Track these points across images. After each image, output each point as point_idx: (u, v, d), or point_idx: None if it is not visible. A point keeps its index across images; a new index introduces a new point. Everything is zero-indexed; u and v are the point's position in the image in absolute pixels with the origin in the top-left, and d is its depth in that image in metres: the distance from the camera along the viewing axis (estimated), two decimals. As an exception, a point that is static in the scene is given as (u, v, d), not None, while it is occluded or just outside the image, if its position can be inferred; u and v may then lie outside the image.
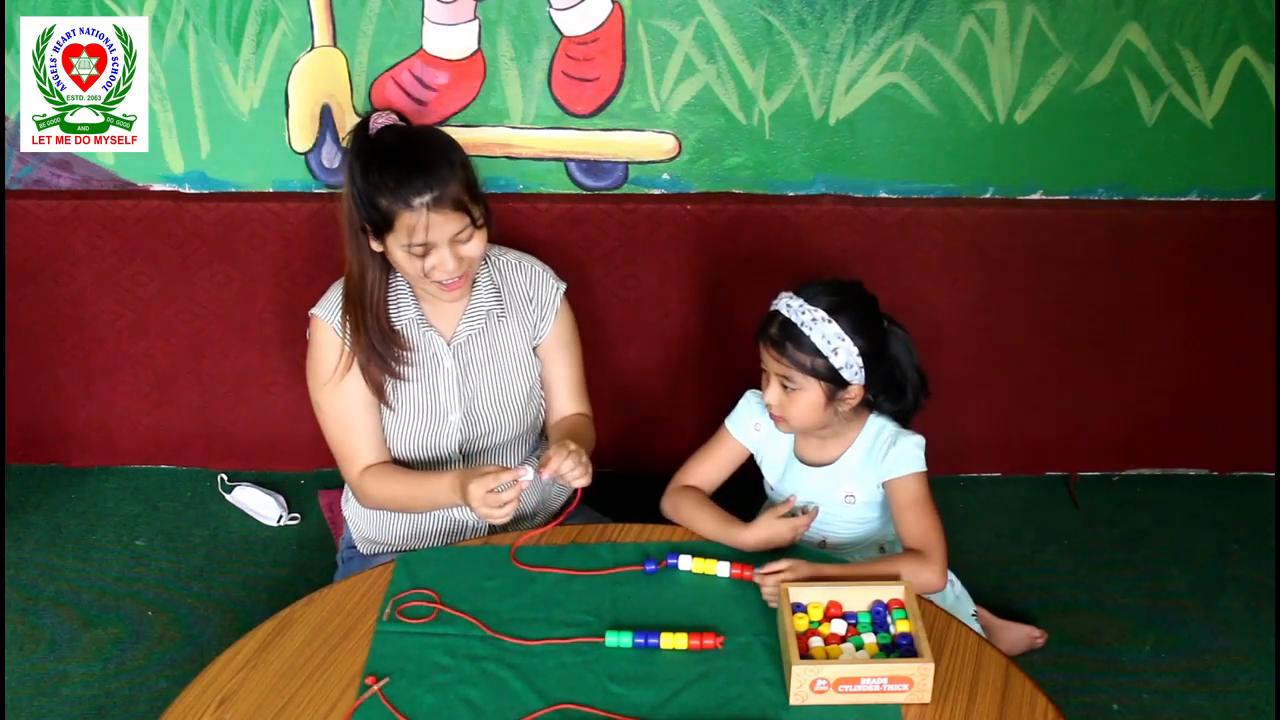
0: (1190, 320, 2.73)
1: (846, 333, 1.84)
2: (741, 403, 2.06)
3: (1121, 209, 2.62)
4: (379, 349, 1.94)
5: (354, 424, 1.99)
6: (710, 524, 1.88)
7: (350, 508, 2.17)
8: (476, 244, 1.87)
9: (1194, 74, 2.50)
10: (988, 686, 1.61)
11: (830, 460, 1.98)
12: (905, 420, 1.98)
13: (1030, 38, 2.46)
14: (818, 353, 1.84)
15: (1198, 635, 2.48)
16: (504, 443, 2.08)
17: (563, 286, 2.07)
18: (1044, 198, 2.63)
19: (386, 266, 1.93)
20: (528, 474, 1.79)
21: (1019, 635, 2.40)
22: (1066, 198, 2.62)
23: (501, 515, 1.78)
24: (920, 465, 1.91)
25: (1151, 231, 2.62)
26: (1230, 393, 2.81)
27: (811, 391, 1.87)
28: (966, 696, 1.59)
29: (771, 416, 1.94)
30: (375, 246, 1.89)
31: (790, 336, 1.85)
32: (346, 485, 2.18)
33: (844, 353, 1.84)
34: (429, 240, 1.81)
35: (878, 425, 1.96)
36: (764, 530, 1.83)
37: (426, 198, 1.78)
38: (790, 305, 1.87)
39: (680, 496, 1.97)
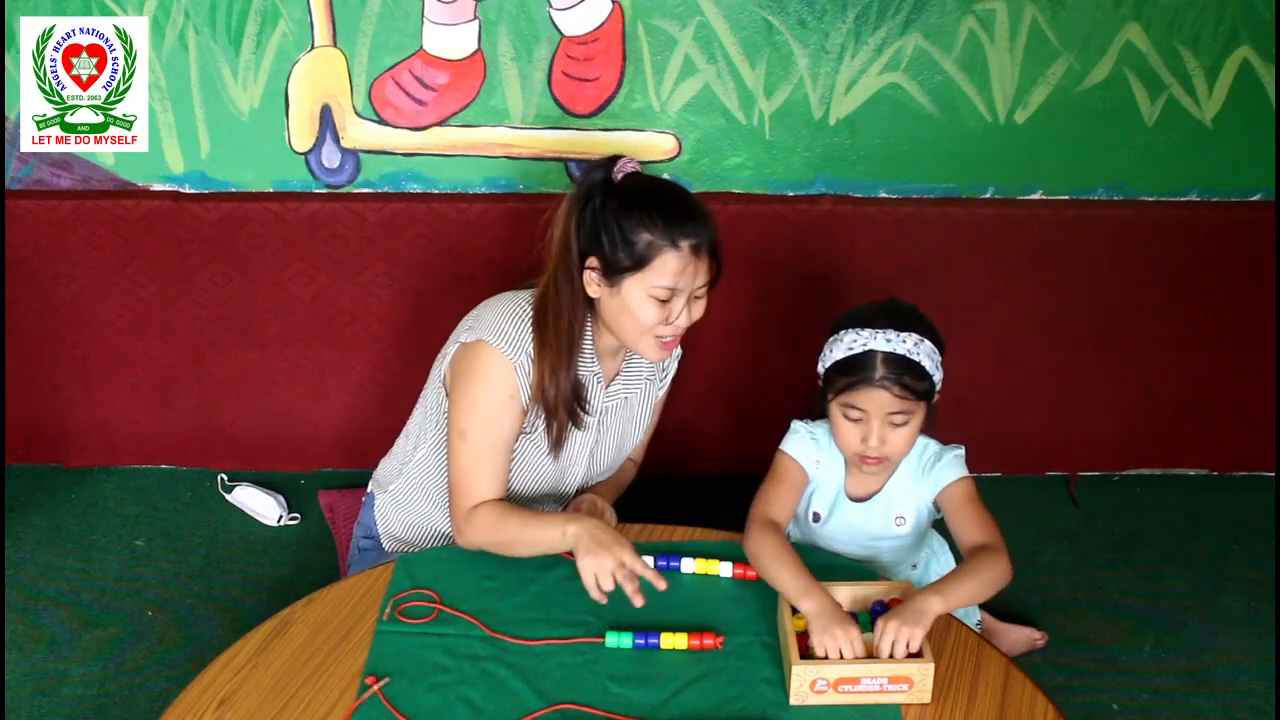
0: (1190, 320, 2.73)
1: (936, 346, 1.84)
2: (796, 436, 1.96)
3: (1121, 209, 2.62)
4: (569, 399, 1.87)
5: (492, 466, 1.88)
6: (785, 578, 1.71)
7: (386, 500, 2.12)
8: (702, 306, 1.86)
9: (1194, 74, 2.50)
10: (988, 686, 1.61)
11: (877, 490, 1.95)
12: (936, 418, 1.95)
13: (1030, 38, 2.46)
14: (928, 376, 1.82)
15: (1198, 635, 2.48)
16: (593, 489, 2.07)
17: (680, 353, 2.07)
18: (1044, 198, 2.63)
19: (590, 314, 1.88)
20: (661, 585, 1.72)
21: (1019, 637, 2.40)
22: (1066, 198, 2.63)
23: (601, 592, 1.70)
24: (966, 471, 1.91)
25: (1151, 231, 2.63)
26: (1230, 393, 2.82)
27: (919, 414, 1.85)
28: (966, 697, 1.59)
29: (863, 460, 1.87)
30: (594, 290, 1.83)
31: (905, 370, 1.80)
32: (385, 474, 2.15)
33: (939, 367, 1.84)
34: (679, 286, 1.78)
35: (921, 444, 1.94)
36: (824, 629, 1.62)
37: (694, 241, 1.77)
38: (890, 340, 1.81)
39: (765, 538, 1.80)
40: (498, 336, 1.85)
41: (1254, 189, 2.62)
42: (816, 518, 1.98)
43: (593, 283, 1.83)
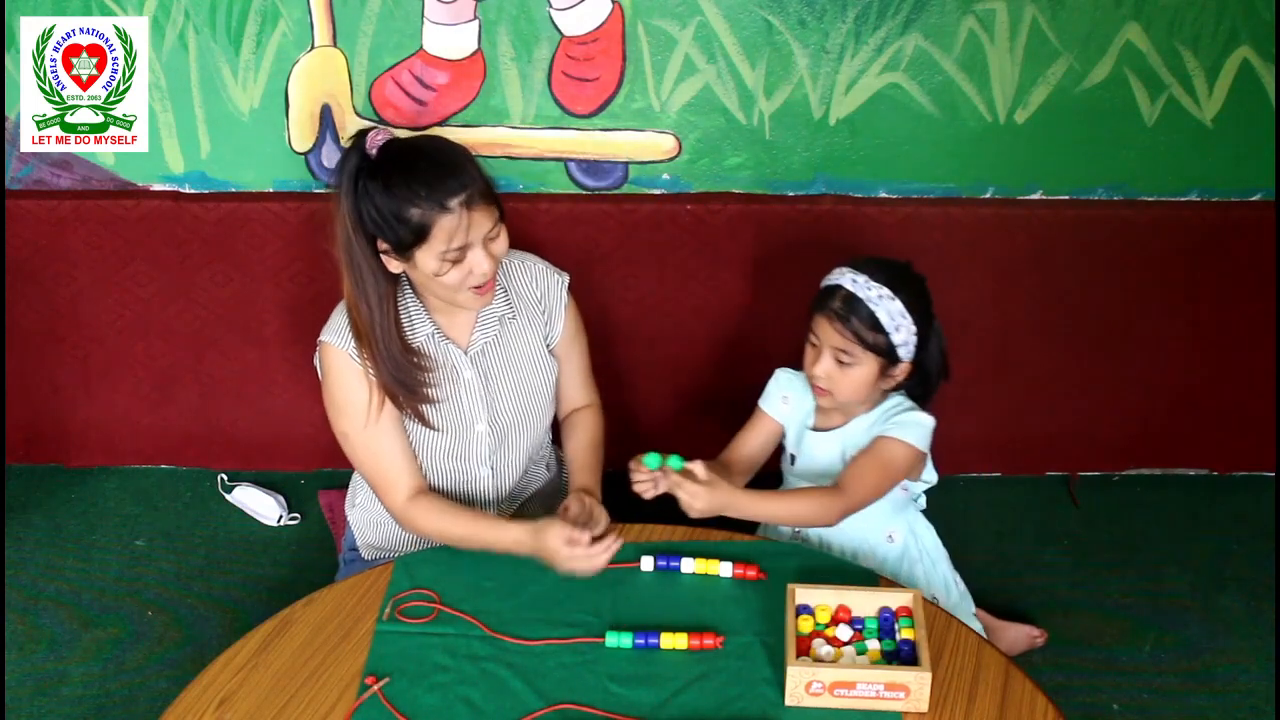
0: (1190, 320, 2.73)
1: (907, 310, 1.89)
2: (772, 381, 2.11)
3: (1121, 209, 2.62)
4: (403, 380, 1.88)
5: (387, 451, 1.93)
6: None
7: (355, 513, 2.15)
8: (503, 240, 1.85)
9: (1194, 74, 2.50)
10: (987, 687, 1.61)
11: (837, 426, 2.02)
12: (920, 402, 2.01)
13: (1030, 38, 2.46)
14: (880, 328, 1.88)
15: (1198, 635, 2.48)
16: (529, 445, 2.06)
17: (565, 279, 2.05)
18: (1044, 198, 2.63)
19: (392, 291, 1.87)
20: (619, 543, 1.77)
21: (1018, 635, 2.40)
22: (1066, 198, 2.62)
23: (588, 563, 1.73)
24: (916, 441, 1.93)
25: (1151, 231, 2.62)
26: (1230, 393, 2.81)
27: (867, 366, 1.91)
28: (966, 697, 1.59)
29: (815, 389, 1.97)
30: (395, 267, 1.83)
31: (855, 311, 1.89)
32: (351, 488, 2.18)
33: (904, 330, 1.89)
34: (467, 242, 1.77)
35: (895, 401, 2.00)
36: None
37: (462, 197, 1.75)
38: (855, 280, 1.90)
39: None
40: (329, 332, 1.92)
41: (1254, 189, 2.62)
42: (793, 460, 2.07)
43: (391, 261, 1.83)
